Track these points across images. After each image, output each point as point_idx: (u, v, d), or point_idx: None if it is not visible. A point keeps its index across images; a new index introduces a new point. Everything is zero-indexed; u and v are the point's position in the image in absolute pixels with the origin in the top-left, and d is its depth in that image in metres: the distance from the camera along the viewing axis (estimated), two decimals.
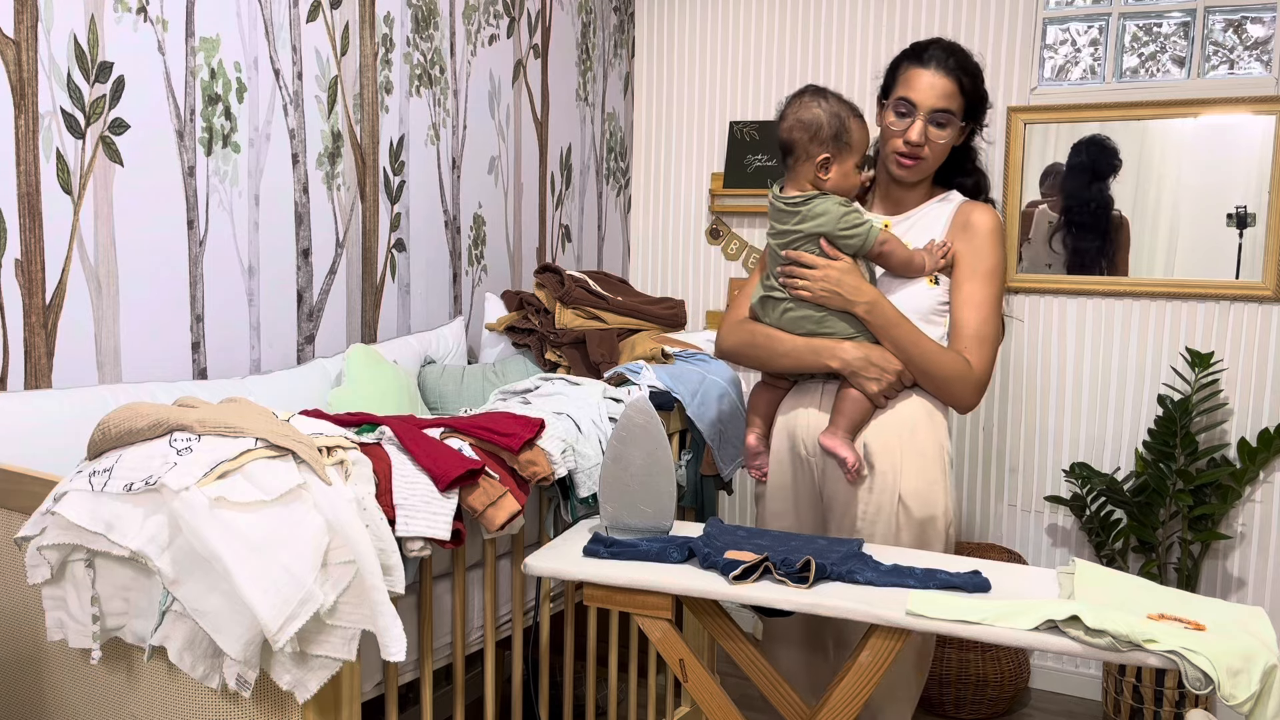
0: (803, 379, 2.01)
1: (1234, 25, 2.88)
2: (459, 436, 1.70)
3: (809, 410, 1.98)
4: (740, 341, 2.03)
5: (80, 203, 1.89)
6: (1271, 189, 2.81)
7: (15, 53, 1.77)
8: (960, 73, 1.92)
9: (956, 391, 1.91)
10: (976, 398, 1.93)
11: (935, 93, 1.91)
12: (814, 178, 1.91)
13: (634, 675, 2.31)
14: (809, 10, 3.37)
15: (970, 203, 2.02)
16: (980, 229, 1.96)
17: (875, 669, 1.54)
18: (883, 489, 1.90)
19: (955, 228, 1.98)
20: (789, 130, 1.91)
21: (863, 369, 1.88)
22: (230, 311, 2.20)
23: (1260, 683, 1.30)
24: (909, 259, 1.93)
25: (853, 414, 1.90)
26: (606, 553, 1.67)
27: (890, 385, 1.89)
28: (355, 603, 1.32)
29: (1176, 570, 2.89)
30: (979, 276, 1.94)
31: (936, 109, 1.91)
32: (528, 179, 3.13)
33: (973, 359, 1.90)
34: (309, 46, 2.33)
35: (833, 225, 1.89)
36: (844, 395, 1.91)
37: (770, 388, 2.07)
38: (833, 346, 1.90)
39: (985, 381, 1.92)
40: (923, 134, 1.91)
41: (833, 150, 1.89)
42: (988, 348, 1.92)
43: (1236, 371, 2.92)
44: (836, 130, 1.88)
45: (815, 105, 1.89)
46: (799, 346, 1.93)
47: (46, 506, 1.40)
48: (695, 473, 2.38)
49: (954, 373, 1.89)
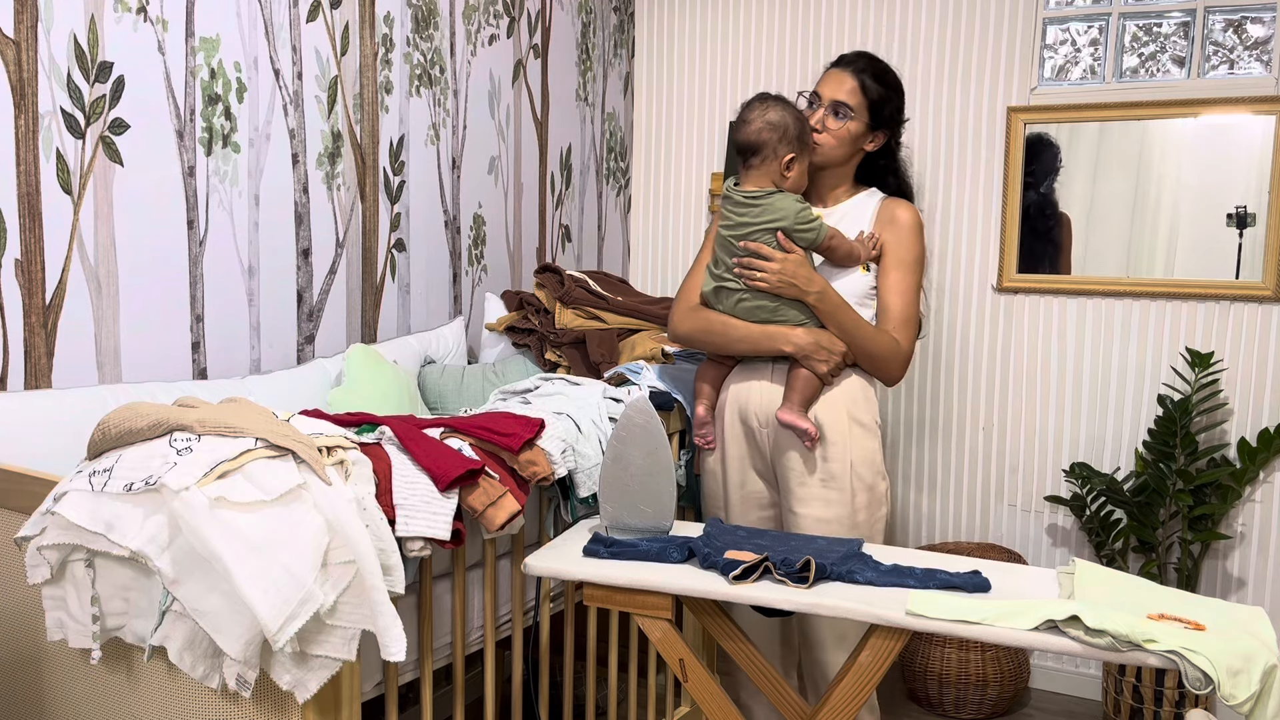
0: (749, 358, 2.20)
1: (1234, 25, 2.88)
2: (459, 436, 1.70)
3: (760, 383, 2.16)
4: (695, 328, 2.20)
5: (80, 203, 1.89)
6: (1271, 189, 2.81)
7: (15, 53, 1.77)
8: (865, 75, 2.16)
9: (888, 367, 2.15)
10: (903, 371, 2.18)
11: (838, 88, 2.15)
12: (778, 176, 2.09)
13: (634, 675, 2.31)
14: (809, 10, 3.37)
15: (892, 199, 2.23)
16: (904, 223, 2.17)
17: (875, 669, 1.54)
18: (836, 457, 2.10)
19: (881, 221, 2.19)
20: (758, 132, 2.07)
21: (814, 352, 2.07)
22: (230, 311, 2.20)
23: (1260, 683, 1.30)
24: (851, 250, 2.13)
25: (805, 390, 2.08)
26: (606, 553, 1.67)
27: (837, 365, 2.10)
28: (355, 603, 1.32)
29: (1176, 570, 2.89)
30: (904, 266, 2.16)
31: (835, 100, 2.15)
32: (528, 179, 3.13)
33: (901, 338, 2.14)
34: (309, 46, 2.33)
35: (791, 220, 2.05)
36: (796, 374, 2.10)
37: (717, 364, 2.25)
38: (786, 333, 2.09)
39: (910, 357, 2.18)
40: (820, 121, 2.15)
41: (797, 150, 2.08)
42: (912, 328, 2.16)
43: (1236, 371, 2.92)
44: (799, 132, 2.08)
45: (780, 109, 2.08)
46: (754, 333, 2.12)
47: (46, 506, 1.40)
48: (694, 472, 2.38)
49: (888, 351, 2.13)
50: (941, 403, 3.27)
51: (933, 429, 3.29)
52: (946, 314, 3.23)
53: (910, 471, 3.33)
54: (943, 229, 3.21)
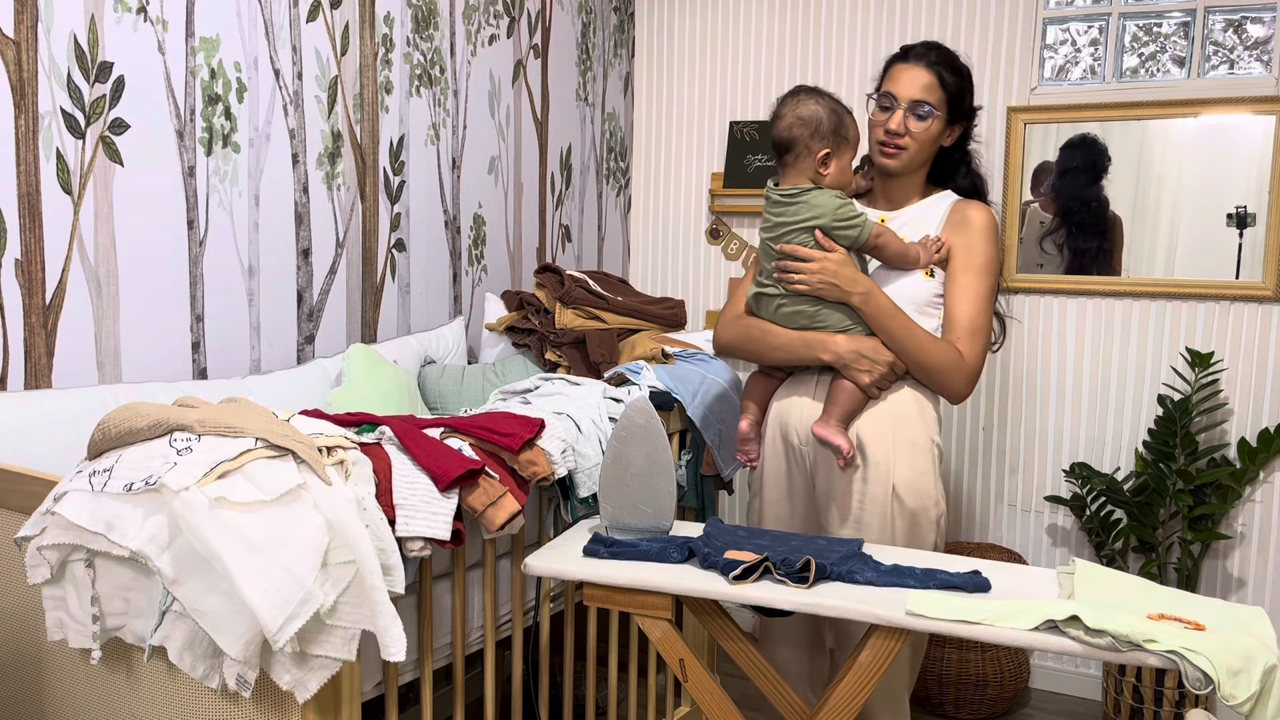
0: (797, 370, 2.05)
1: (1234, 25, 2.88)
2: (459, 436, 1.70)
3: (803, 400, 2.02)
4: (736, 336, 2.08)
5: (80, 203, 1.89)
6: (1271, 189, 2.81)
7: (15, 53, 1.77)
8: (941, 67, 1.98)
9: (949, 381, 1.96)
10: (969, 387, 1.97)
11: (915, 85, 1.97)
12: (814, 173, 1.94)
13: (634, 675, 2.31)
14: (809, 10, 3.37)
15: (966, 200, 2.06)
16: (975, 225, 2.00)
17: (875, 669, 1.54)
18: (876, 479, 1.93)
19: (951, 224, 2.02)
20: (789, 127, 1.94)
21: (854, 361, 1.92)
22: (230, 311, 2.20)
23: (1260, 683, 1.30)
24: (904, 251, 1.97)
25: (846, 404, 1.93)
26: (606, 553, 1.67)
27: (882, 376, 1.93)
28: (355, 603, 1.32)
29: (1176, 570, 2.89)
30: (973, 270, 1.98)
31: (915, 100, 1.97)
32: (528, 179, 3.13)
33: (965, 350, 1.95)
34: (309, 46, 2.33)
35: (829, 217, 1.91)
36: (837, 386, 1.94)
37: (766, 376, 2.11)
38: (825, 340, 1.94)
39: (977, 372, 1.97)
40: (902, 124, 1.97)
41: (833, 144, 1.93)
42: (980, 339, 1.96)
43: (1236, 371, 2.92)
44: (835, 125, 1.93)
45: (813, 102, 1.94)
46: (792, 340, 1.97)
47: (46, 506, 1.40)
48: (695, 473, 2.38)
49: (946, 363, 1.94)
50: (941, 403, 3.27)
51: None
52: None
53: None
54: None
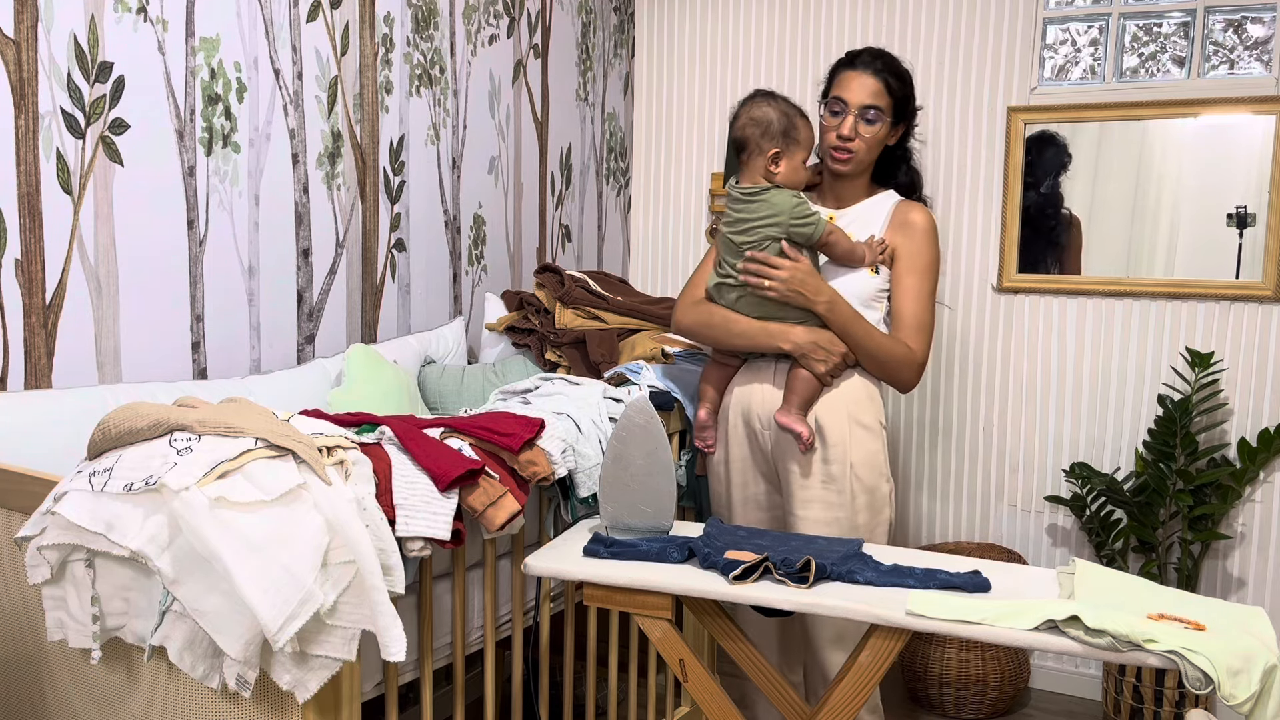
0: (753, 358, 2.18)
1: (1234, 25, 2.88)
2: (459, 436, 1.70)
3: (763, 387, 2.15)
4: (697, 321, 2.19)
5: (80, 203, 1.89)
6: (1271, 189, 2.81)
7: (15, 53, 1.77)
8: (887, 74, 2.12)
9: (899, 373, 2.12)
10: (916, 379, 2.14)
11: (864, 91, 2.10)
12: (766, 171, 2.07)
13: (634, 675, 2.31)
14: (809, 11, 3.37)
15: (907, 202, 2.20)
16: (918, 227, 2.15)
17: (875, 669, 1.54)
18: (835, 459, 2.08)
19: (894, 225, 2.16)
20: (743, 128, 2.08)
21: (812, 351, 2.06)
22: (230, 311, 2.20)
23: (1260, 683, 1.30)
24: (851, 250, 2.11)
25: (804, 392, 2.07)
26: (606, 553, 1.67)
27: (836, 366, 2.08)
28: (355, 603, 1.32)
29: (1176, 570, 2.89)
30: (917, 271, 2.13)
31: (865, 105, 2.10)
32: (528, 179, 3.13)
33: (914, 345, 2.12)
34: (309, 46, 2.33)
35: (787, 214, 2.04)
36: (795, 375, 2.08)
37: (722, 365, 2.23)
38: (785, 330, 2.07)
39: (924, 364, 2.15)
40: (853, 129, 2.11)
41: (782, 145, 2.06)
42: (925, 335, 2.14)
43: (1236, 371, 2.92)
44: (785, 127, 2.06)
45: (766, 105, 2.07)
46: (753, 329, 2.10)
47: (46, 506, 1.40)
48: (695, 473, 2.38)
49: (900, 359, 2.11)
50: (941, 403, 3.27)
51: (933, 429, 3.29)
52: (946, 314, 3.23)
53: (910, 472, 3.33)
54: (942, 229, 3.21)
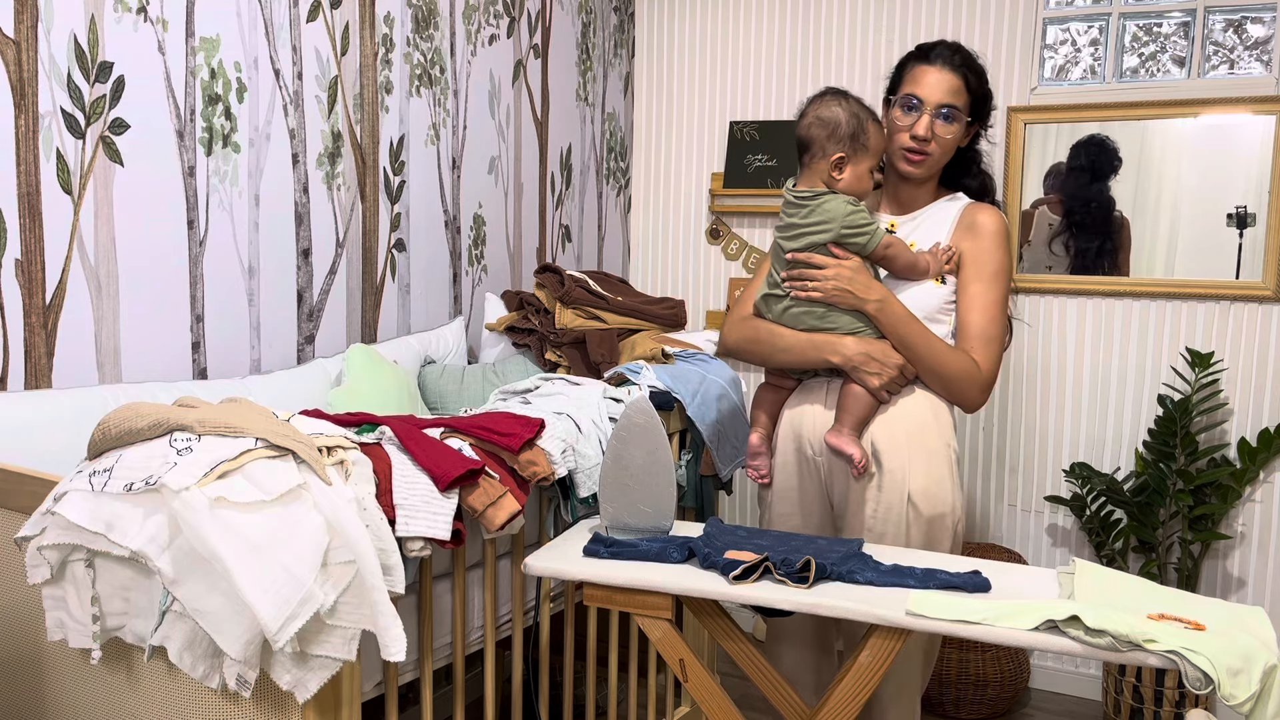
0: (807, 377, 2.01)
1: (1234, 25, 2.88)
2: (459, 436, 1.70)
3: (814, 407, 1.98)
4: (742, 337, 2.03)
5: (80, 203, 1.89)
6: (1271, 189, 2.81)
7: (15, 53, 1.77)
8: (966, 69, 1.95)
9: (963, 390, 1.92)
10: (983, 397, 1.93)
11: (942, 88, 1.93)
12: (828, 176, 1.91)
13: (634, 675, 2.31)
14: (809, 10, 3.37)
15: (976, 204, 2.02)
16: (986, 230, 1.96)
17: (875, 669, 1.54)
18: (891, 487, 1.90)
19: (961, 229, 1.98)
20: (808, 127, 1.91)
21: (864, 364, 1.88)
22: (230, 311, 2.20)
23: (1260, 683, 1.30)
24: (913, 262, 1.94)
25: (856, 410, 1.89)
26: (606, 553, 1.67)
27: (892, 380, 1.89)
28: (355, 603, 1.32)
29: (1176, 570, 2.89)
30: (985, 278, 1.94)
31: (943, 104, 1.93)
32: (528, 179, 3.13)
33: (980, 359, 1.91)
34: (309, 46, 2.33)
35: (839, 223, 1.89)
36: (847, 392, 1.91)
37: (775, 388, 2.06)
38: (834, 341, 1.90)
39: (992, 381, 1.93)
40: (929, 128, 1.93)
41: (849, 150, 1.90)
42: (994, 348, 1.93)
43: (1236, 371, 2.92)
44: (854, 130, 1.89)
45: (836, 104, 1.91)
46: (800, 342, 1.93)
47: (46, 506, 1.40)
48: (695, 473, 2.38)
49: (961, 372, 1.90)
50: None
51: None
52: None
53: None
54: None
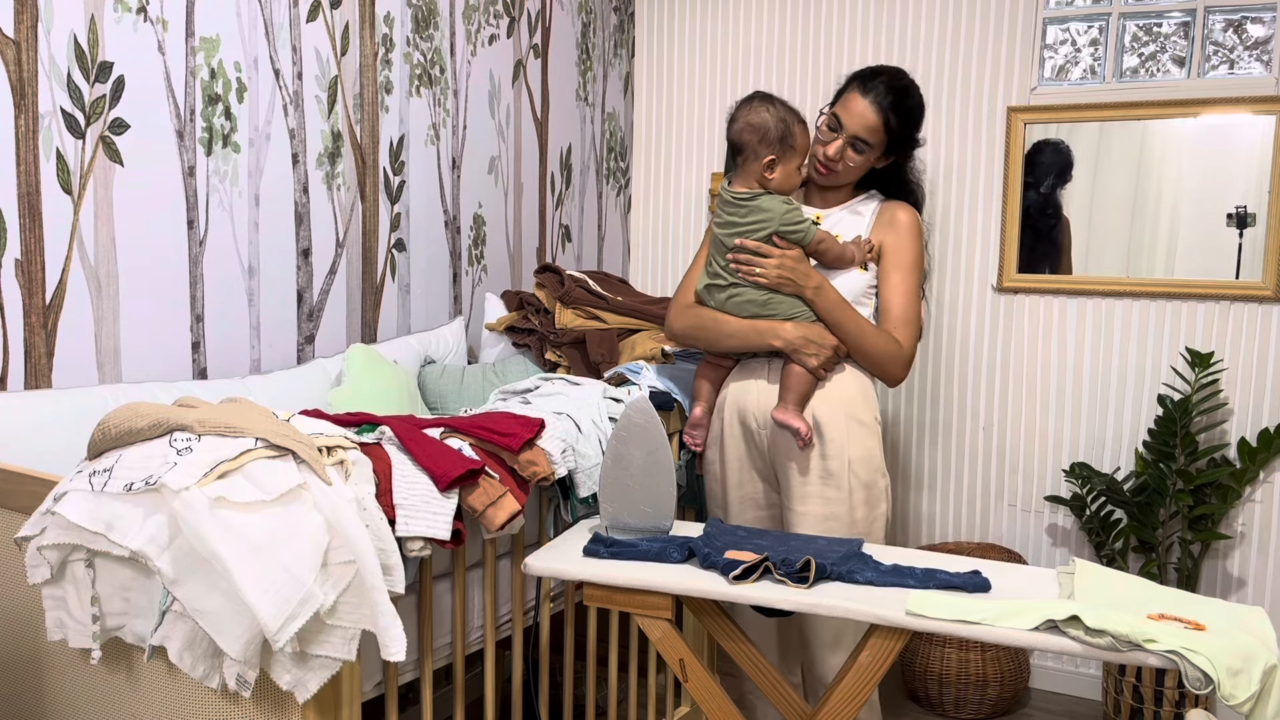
0: (745, 357, 2.19)
1: (1234, 25, 2.88)
2: (459, 436, 1.70)
3: (758, 384, 2.16)
4: (689, 324, 2.21)
5: (80, 203, 1.89)
6: (1271, 189, 2.81)
7: (15, 53, 1.77)
8: (890, 113, 2.11)
9: (888, 367, 2.14)
10: (904, 372, 2.16)
11: (861, 122, 2.10)
12: (760, 177, 2.08)
13: (634, 675, 2.31)
14: (809, 10, 3.37)
15: (892, 201, 2.22)
16: (903, 225, 2.17)
17: (875, 669, 1.54)
18: (834, 455, 2.09)
19: (881, 224, 2.19)
20: (739, 132, 2.08)
21: (803, 346, 2.07)
22: (230, 311, 2.20)
23: (1260, 683, 1.30)
24: (841, 253, 2.13)
25: (799, 388, 2.08)
26: (606, 553, 1.67)
27: (827, 359, 2.09)
28: (355, 603, 1.32)
29: (1176, 570, 2.89)
30: (904, 267, 2.15)
31: (857, 137, 2.11)
32: (528, 179, 3.13)
33: (901, 338, 2.13)
34: (309, 46, 2.33)
35: (777, 222, 2.07)
36: (789, 372, 2.09)
37: (716, 366, 2.25)
38: (775, 327, 2.09)
39: (911, 358, 2.15)
40: (840, 152, 2.13)
41: (778, 152, 2.06)
42: (912, 329, 2.15)
43: (1236, 371, 2.92)
44: (782, 134, 2.06)
45: (764, 110, 2.07)
46: (744, 328, 2.12)
47: (46, 506, 1.40)
48: (694, 473, 2.38)
49: (887, 351, 2.12)
50: (941, 403, 3.27)
51: (933, 429, 3.29)
52: (946, 314, 3.23)
53: (910, 471, 3.33)
54: (943, 229, 3.21)
